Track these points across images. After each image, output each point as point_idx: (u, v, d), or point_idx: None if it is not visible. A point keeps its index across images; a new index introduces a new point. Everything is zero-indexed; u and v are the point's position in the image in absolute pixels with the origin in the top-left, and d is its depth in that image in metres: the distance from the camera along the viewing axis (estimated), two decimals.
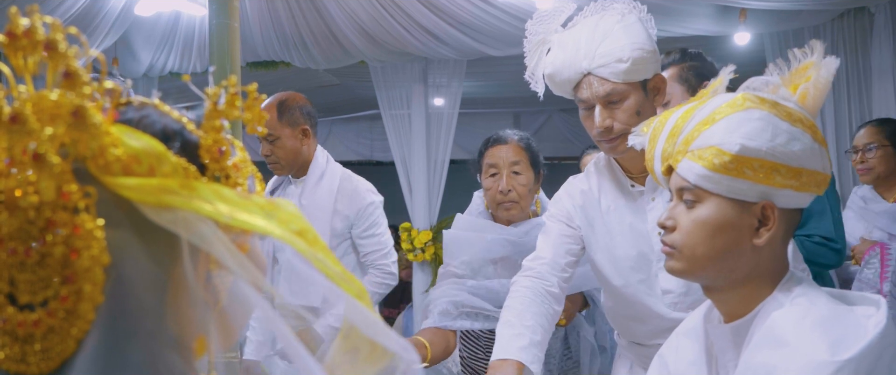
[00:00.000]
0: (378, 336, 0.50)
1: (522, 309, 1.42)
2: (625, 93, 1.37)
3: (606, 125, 1.38)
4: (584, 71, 1.38)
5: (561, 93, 1.47)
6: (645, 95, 1.39)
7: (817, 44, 0.97)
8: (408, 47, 4.62)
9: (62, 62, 0.45)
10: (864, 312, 0.86)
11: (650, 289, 1.43)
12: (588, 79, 1.38)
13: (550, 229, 1.55)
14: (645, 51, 1.36)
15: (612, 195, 1.49)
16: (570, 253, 1.51)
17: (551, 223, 1.56)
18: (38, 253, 0.45)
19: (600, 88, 1.37)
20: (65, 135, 0.45)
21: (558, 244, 1.50)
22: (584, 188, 1.53)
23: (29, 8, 0.46)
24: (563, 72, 1.40)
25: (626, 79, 1.35)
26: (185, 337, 0.51)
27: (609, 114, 1.38)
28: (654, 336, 1.43)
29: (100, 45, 4.31)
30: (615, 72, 1.35)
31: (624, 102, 1.37)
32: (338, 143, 8.98)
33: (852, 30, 3.86)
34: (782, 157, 0.89)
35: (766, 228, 0.92)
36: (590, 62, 1.36)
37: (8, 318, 0.45)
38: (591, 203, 1.51)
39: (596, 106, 1.39)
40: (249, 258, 0.50)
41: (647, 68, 1.38)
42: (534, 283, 1.46)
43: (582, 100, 1.41)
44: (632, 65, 1.34)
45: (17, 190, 0.44)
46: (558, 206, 1.57)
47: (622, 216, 1.46)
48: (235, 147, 0.54)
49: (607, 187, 1.50)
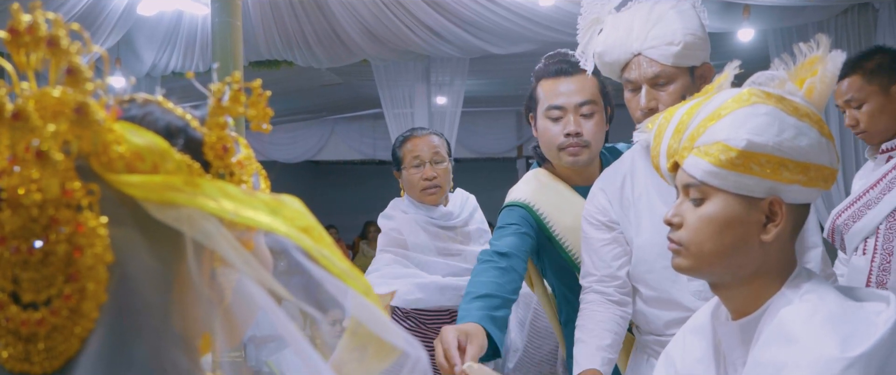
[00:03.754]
0: (385, 332, 0.50)
1: (590, 325, 1.44)
2: (672, 76, 1.38)
3: (651, 106, 1.39)
4: (635, 51, 1.39)
5: (608, 73, 1.48)
6: (692, 81, 1.40)
7: (823, 38, 0.97)
8: (410, 46, 4.62)
9: (65, 59, 0.45)
10: (874, 308, 0.85)
11: (675, 277, 1.39)
12: (637, 59, 1.39)
13: (590, 239, 1.51)
14: (697, 37, 1.37)
15: (645, 179, 1.47)
16: (616, 258, 1.48)
17: (590, 230, 1.51)
18: (41, 251, 0.45)
19: (649, 69, 1.38)
20: (68, 132, 0.45)
21: (602, 254, 1.48)
22: (623, 170, 1.51)
23: (31, 4, 0.45)
24: (614, 51, 1.42)
25: (675, 63, 1.37)
26: (190, 335, 0.50)
27: (654, 96, 1.39)
28: (672, 326, 1.41)
29: (103, 45, 4.32)
30: (665, 55, 1.36)
31: (670, 85, 1.38)
32: (340, 142, 8.99)
33: (856, 25, 3.84)
34: (789, 152, 0.89)
35: (774, 224, 0.91)
36: (642, 43, 1.38)
37: (11, 317, 0.45)
38: (627, 186, 1.49)
39: (643, 86, 1.40)
40: (254, 255, 0.50)
41: (697, 54, 1.39)
42: (594, 297, 1.48)
43: (629, 80, 1.42)
44: (683, 49, 1.36)
45: (19, 187, 0.44)
46: (594, 205, 1.52)
47: (652, 202, 1.45)
48: (240, 144, 0.54)
49: (643, 171, 1.48)
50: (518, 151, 8.59)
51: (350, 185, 10.57)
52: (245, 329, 0.54)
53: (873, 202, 1.75)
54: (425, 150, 2.00)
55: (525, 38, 4.26)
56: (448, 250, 2.02)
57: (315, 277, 0.48)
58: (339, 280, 0.48)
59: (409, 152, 2.02)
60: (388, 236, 2.04)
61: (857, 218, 1.79)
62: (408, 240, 2.01)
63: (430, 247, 2.01)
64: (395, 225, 2.04)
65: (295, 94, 6.30)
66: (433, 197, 2.01)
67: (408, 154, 2.02)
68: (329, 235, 0.50)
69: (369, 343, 0.50)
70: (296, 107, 7.33)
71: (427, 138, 2.04)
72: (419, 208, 2.03)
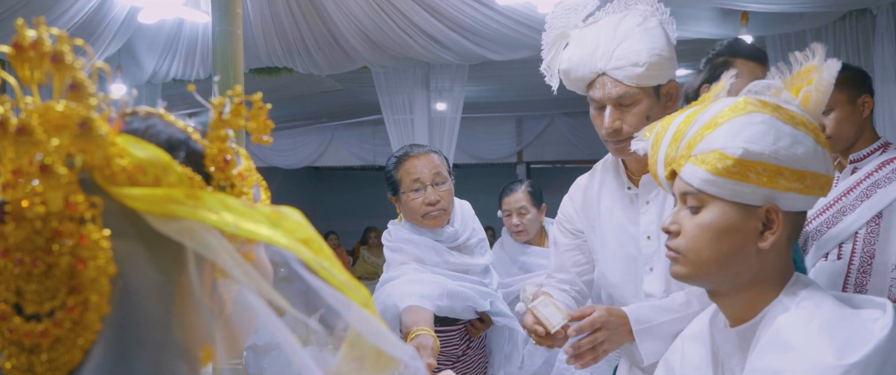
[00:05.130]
0: (384, 344, 0.50)
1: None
2: (637, 97, 1.37)
3: (615, 126, 1.38)
4: (599, 71, 1.38)
5: (574, 89, 1.47)
6: (657, 100, 1.39)
7: (818, 47, 0.97)
8: (410, 52, 4.63)
9: (69, 74, 0.45)
10: (871, 315, 0.86)
11: (636, 291, 1.45)
12: (602, 79, 1.38)
13: (558, 242, 1.60)
14: (662, 57, 1.36)
15: (611, 195, 1.51)
16: (576, 265, 1.57)
17: (558, 234, 1.60)
18: (44, 263, 0.45)
19: (613, 90, 1.37)
20: (71, 145, 0.45)
21: (565, 258, 1.58)
22: (587, 187, 1.56)
23: (35, 20, 0.46)
24: (579, 69, 1.41)
25: (639, 84, 1.36)
26: (192, 346, 0.51)
27: (619, 116, 1.38)
28: None
29: (104, 53, 4.33)
30: (629, 76, 1.35)
31: (635, 106, 1.38)
32: (341, 148, 9.00)
33: (854, 31, 3.85)
34: (785, 160, 0.89)
35: (771, 231, 0.92)
36: (606, 63, 1.36)
37: (15, 328, 0.46)
38: (592, 202, 1.53)
39: (607, 106, 1.39)
40: (255, 267, 0.50)
41: (663, 74, 1.38)
42: (553, 288, 1.57)
43: (594, 99, 1.41)
44: (647, 70, 1.34)
45: (23, 200, 0.44)
46: (563, 212, 1.60)
47: (615, 217, 1.48)
48: (241, 156, 0.54)
49: (609, 187, 1.52)
50: (518, 157, 8.60)
51: (350, 191, 10.58)
52: (245, 339, 0.54)
53: (848, 208, 1.84)
54: (425, 171, 1.80)
55: (524, 44, 4.27)
56: (459, 267, 1.88)
57: (315, 289, 0.48)
58: (338, 291, 0.48)
59: (408, 174, 1.81)
60: (403, 257, 1.87)
61: (831, 224, 1.86)
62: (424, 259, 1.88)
63: (442, 267, 1.86)
64: (404, 258, 1.86)
65: (295, 101, 6.32)
66: (437, 221, 1.83)
67: (406, 176, 1.81)
68: (329, 246, 0.50)
69: (368, 355, 0.50)
70: (296, 114, 7.35)
71: (426, 157, 1.83)
72: (424, 233, 1.86)
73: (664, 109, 1.40)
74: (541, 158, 8.58)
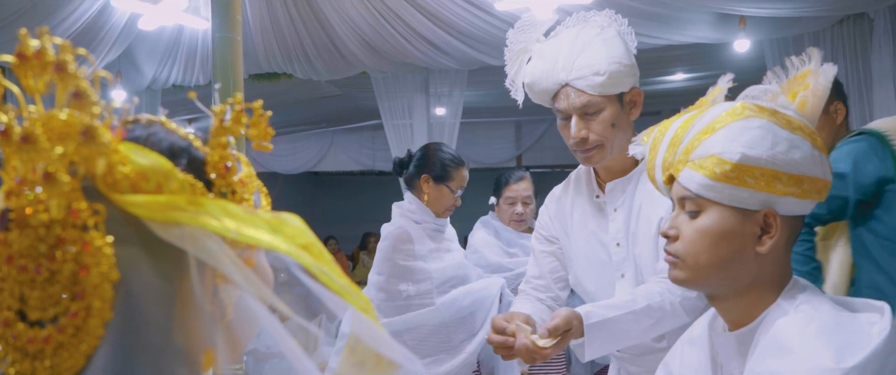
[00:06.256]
0: (384, 348, 0.51)
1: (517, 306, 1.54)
2: (601, 106, 1.39)
3: (582, 136, 1.41)
4: (562, 82, 1.41)
5: (539, 101, 1.50)
6: (621, 108, 1.42)
7: (815, 51, 0.98)
8: (409, 57, 4.64)
9: (72, 83, 0.46)
10: (869, 319, 0.86)
11: (610, 297, 1.46)
12: (565, 90, 1.41)
13: (535, 248, 1.63)
14: (622, 65, 1.38)
15: (582, 203, 1.53)
16: (552, 271, 1.59)
17: (535, 241, 1.64)
18: (47, 270, 0.45)
19: (577, 100, 1.39)
20: (74, 153, 0.46)
21: (542, 264, 1.61)
22: (560, 196, 1.59)
23: (39, 30, 0.46)
24: (542, 82, 1.43)
25: (602, 92, 1.38)
26: (193, 352, 0.51)
27: (585, 125, 1.41)
28: None
29: (104, 59, 4.34)
30: (592, 85, 1.37)
31: (600, 114, 1.40)
32: (340, 153, 9.00)
33: (852, 35, 3.86)
34: (783, 165, 0.90)
35: (769, 236, 0.92)
36: (567, 74, 1.39)
37: (18, 335, 0.46)
38: (565, 210, 1.56)
39: (572, 116, 1.41)
40: (256, 272, 0.51)
41: (624, 81, 1.40)
42: (527, 296, 1.59)
43: (559, 110, 1.44)
44: (608, 78, 1.37)
45: (27, 208, 0.45)
46: (539, 220, 1.64)
47: (588, 224, 1.51)
48: (241, 162, 0.55)
49: (581, 195, 1.55)
50: (517, 161, 8.61)
51: (350, 196, 10.58)
52: (246, 344, 0.55)
53: None
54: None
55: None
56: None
57: (315, 293, 0.49)
58: (338, 296, 0.49)
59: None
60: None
61: None
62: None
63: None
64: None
65: (295, 106, 6.33)
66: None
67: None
68: (328, 252, 0.51)
69: (368, 359, 0.51)
70: (296, 119, 7.36)
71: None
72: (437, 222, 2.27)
73: (628, 116, 1.44)
74: (540, 162, 8.59)
